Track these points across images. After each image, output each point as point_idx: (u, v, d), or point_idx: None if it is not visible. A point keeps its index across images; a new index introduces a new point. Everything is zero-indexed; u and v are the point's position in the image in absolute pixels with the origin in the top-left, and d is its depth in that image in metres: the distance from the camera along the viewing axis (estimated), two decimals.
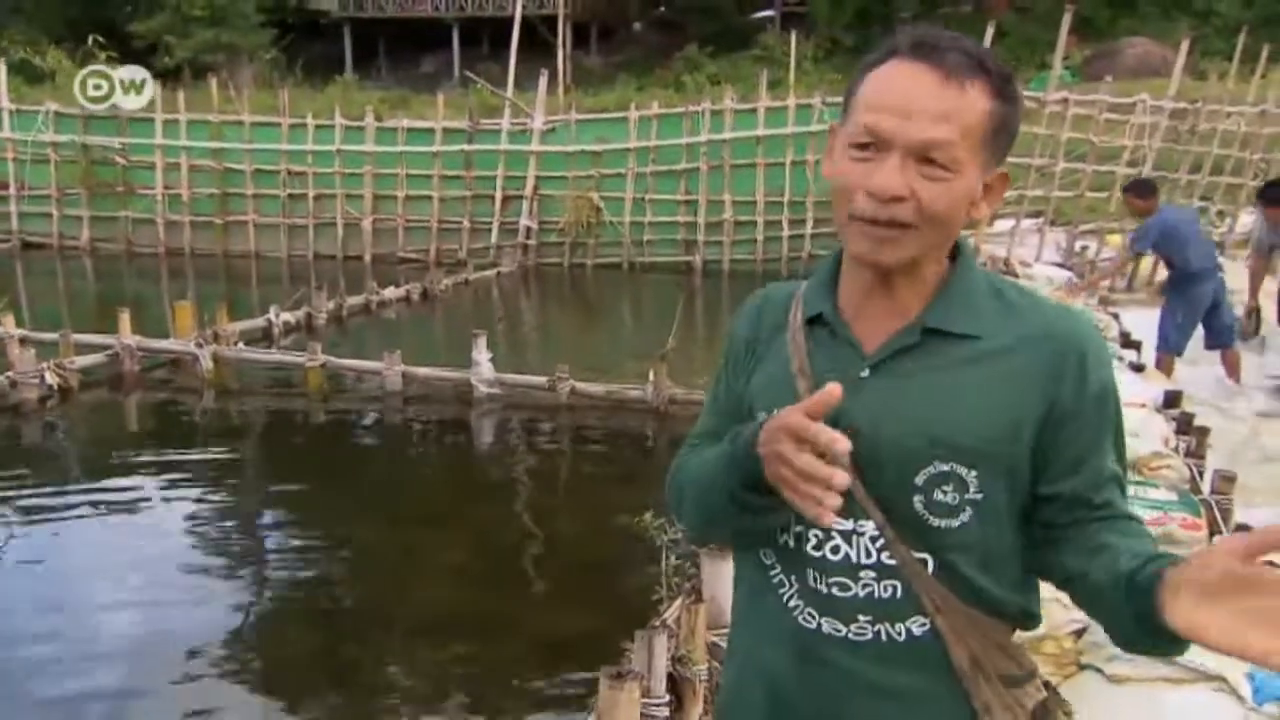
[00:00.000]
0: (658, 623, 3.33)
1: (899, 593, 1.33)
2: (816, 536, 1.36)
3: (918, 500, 1.31)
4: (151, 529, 6.23)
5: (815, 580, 1.37)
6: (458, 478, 7.46)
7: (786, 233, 15.90)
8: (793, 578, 1.39)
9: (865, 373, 1.34)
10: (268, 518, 6.42)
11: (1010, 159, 1.39)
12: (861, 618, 1.35)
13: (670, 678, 3.15)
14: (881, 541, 1.33)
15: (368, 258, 16.89)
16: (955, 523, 1.31)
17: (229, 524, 6.31)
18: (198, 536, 6.04)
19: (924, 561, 1.33)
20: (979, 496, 1.31)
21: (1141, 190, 7.48)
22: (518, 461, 7.90)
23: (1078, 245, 13.08)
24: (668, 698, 3.09)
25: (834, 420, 1.26)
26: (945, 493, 1.31)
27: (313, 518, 6.50)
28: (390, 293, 12.88)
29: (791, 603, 1.40)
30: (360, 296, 12.42)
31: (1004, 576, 1.35)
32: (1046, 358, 1.31)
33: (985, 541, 1.33)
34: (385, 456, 7.93)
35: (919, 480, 1.31)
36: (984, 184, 1.32)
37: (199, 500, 6.70)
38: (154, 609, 5.11)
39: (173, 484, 6.97)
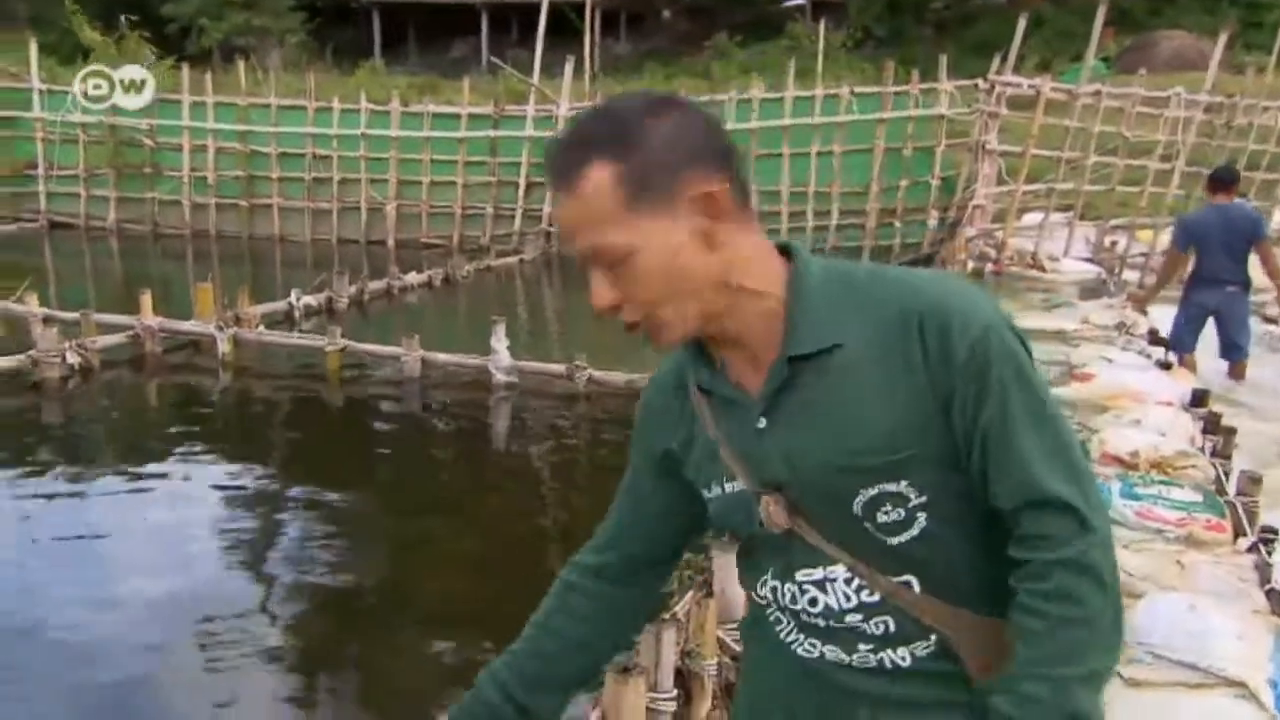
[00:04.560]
0: (666, 616, 3.27)
1: (892, 626, 1.27)
2: (791, 592, 1.32)
3: (868, 526, 1.25)
4: (167, 510, 6.24)
5: (808, 617, 1.33)
6: (474, 465, 7.44)
7: (811, 223, 15.77)
8: (786, 615, 1.36)
9: (762, 423, 1.28)
10: (283, 501, 6.42)
11: (1040, 151, 1.32)
12: (863, 647, 1.30)
13: (679, 672, 3.11)
14: (857, 581, 1.27)
15: (391, 242, 16.90)
16: (914, 532, 1.24)
17: (244, 507, 6.32)
18: (213, 518, 6.05)
19: (908, 584, 1.26)
20: (924, 499, 1.23)
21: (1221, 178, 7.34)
22: (534, 450, 7.87)
23: (1107, 240, 12.90)
24: (675, 692, 3.04)
25: (758, 476, 1.27)
26: (887, 512, 1.24)
27: (328, 502, 6.50)
28: (412, 278, 12.86)
29: (789, 637, 1.37)
30: (382, 281, 12.41)
31: (1000, 567, 1.23)
32: (908, 338, 1.21)
33: (958, 540, 1.25)
34: (402, 442, 7.92)
35: (856, 509, 1.24)
36: (701, 217, 1.22)
37: (215, 482, 6.71)
38: (170, 589, 5.12)
39: (188, 466, 6.99)
